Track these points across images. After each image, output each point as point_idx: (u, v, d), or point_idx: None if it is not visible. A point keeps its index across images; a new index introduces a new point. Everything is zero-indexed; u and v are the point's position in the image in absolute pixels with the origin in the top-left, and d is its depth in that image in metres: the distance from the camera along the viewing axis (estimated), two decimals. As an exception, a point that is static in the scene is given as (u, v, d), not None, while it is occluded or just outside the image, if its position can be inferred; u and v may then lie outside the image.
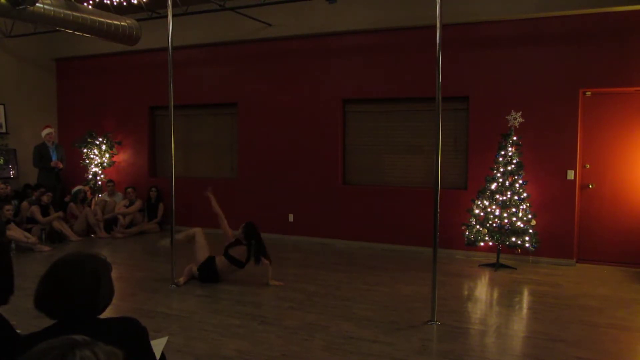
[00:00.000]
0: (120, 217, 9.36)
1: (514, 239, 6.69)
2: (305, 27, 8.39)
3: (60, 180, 9.52)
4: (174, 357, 3.88)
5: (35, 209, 8.45)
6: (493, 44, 7.45)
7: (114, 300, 2.01)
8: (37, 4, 6.46)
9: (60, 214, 8.72)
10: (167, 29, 6.00)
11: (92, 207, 9.50)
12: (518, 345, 4.43)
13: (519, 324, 5.01)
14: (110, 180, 9.94)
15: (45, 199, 8.55)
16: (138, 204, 9.62)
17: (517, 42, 7.29)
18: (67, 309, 1.83)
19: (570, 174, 7.07)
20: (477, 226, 6.87)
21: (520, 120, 6.88)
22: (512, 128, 6.88)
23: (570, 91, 7.04)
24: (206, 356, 4.03)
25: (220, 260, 6.02)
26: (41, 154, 9.22)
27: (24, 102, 10.25)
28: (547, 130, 7.14)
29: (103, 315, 1.95)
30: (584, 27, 6.93)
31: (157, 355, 2.08)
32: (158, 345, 2.35)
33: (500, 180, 6.80)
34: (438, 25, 4.79)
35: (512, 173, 6.80)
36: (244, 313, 5.04)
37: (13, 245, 7.66)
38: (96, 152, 10.04)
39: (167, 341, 2.84)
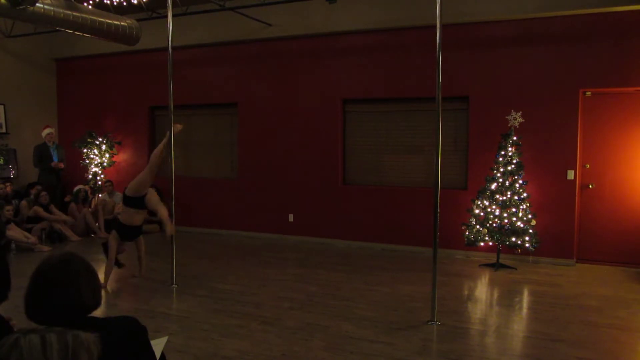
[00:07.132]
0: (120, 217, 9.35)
1: (514, 239, 6.69)
2: (305, 27, 8.38)
3: (60, 180, 9.54)
4: (174, 357, 3.89)
5: (38, 209, 8.45)
6: (493, 44, 7.45)
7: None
8: (37, 4, 6.46)
9: (68, 218, 8.76)
10: (167, 29, 6.00)
11: (93, 206, 9.50)
12: (518, 345, 4.43)
13: (519, 324, 5.00)
14: (108, 180, 9.91)
15: (43, 199, 8.55)
16: (138, 204, 9.61)
17: (517, 42, 7.29)
18: (69, 310, 1.80)
19: (570, 174, 7.07)
20: (477, 226, 6.87)
21: (520, 120, 6.88)
22: (512, 128, 6.88)
23: (570, 91, 7.04)
24: (206, 356, 4.03)
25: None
26: (41, 153, 9.25)
27: (24, 102, 10.25)
28: (547, 130, 7.14)
29: (103, 316, 1.95)
30: (584, 27, 6.93)
31: (157, 355, 2.08)
32: (158, 345, 2.35)
33: (500, 180, 6.80)
34: (438, 25, 4.79)
35: (512, 173, 6.80)
36: (244, 313, 5.04)
37: (13, 245, 7.67)
38: (96, 152, 10.04)
39: (167, 341, 2.84)
